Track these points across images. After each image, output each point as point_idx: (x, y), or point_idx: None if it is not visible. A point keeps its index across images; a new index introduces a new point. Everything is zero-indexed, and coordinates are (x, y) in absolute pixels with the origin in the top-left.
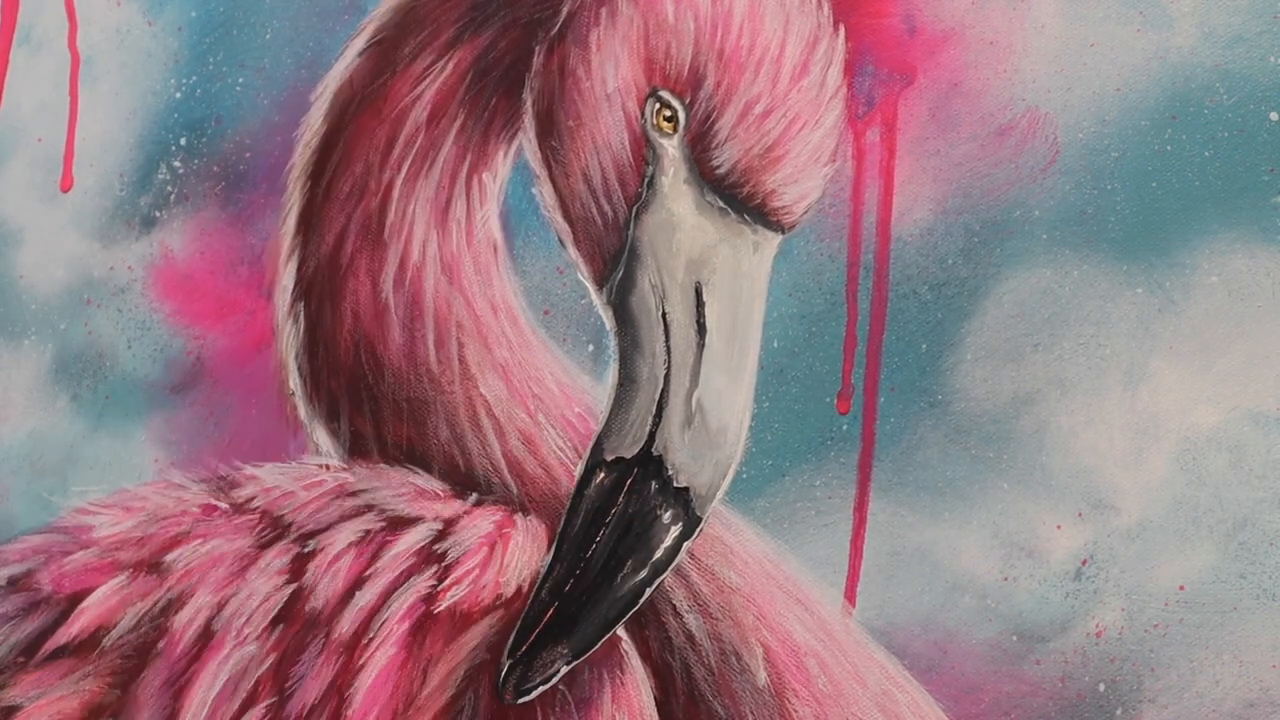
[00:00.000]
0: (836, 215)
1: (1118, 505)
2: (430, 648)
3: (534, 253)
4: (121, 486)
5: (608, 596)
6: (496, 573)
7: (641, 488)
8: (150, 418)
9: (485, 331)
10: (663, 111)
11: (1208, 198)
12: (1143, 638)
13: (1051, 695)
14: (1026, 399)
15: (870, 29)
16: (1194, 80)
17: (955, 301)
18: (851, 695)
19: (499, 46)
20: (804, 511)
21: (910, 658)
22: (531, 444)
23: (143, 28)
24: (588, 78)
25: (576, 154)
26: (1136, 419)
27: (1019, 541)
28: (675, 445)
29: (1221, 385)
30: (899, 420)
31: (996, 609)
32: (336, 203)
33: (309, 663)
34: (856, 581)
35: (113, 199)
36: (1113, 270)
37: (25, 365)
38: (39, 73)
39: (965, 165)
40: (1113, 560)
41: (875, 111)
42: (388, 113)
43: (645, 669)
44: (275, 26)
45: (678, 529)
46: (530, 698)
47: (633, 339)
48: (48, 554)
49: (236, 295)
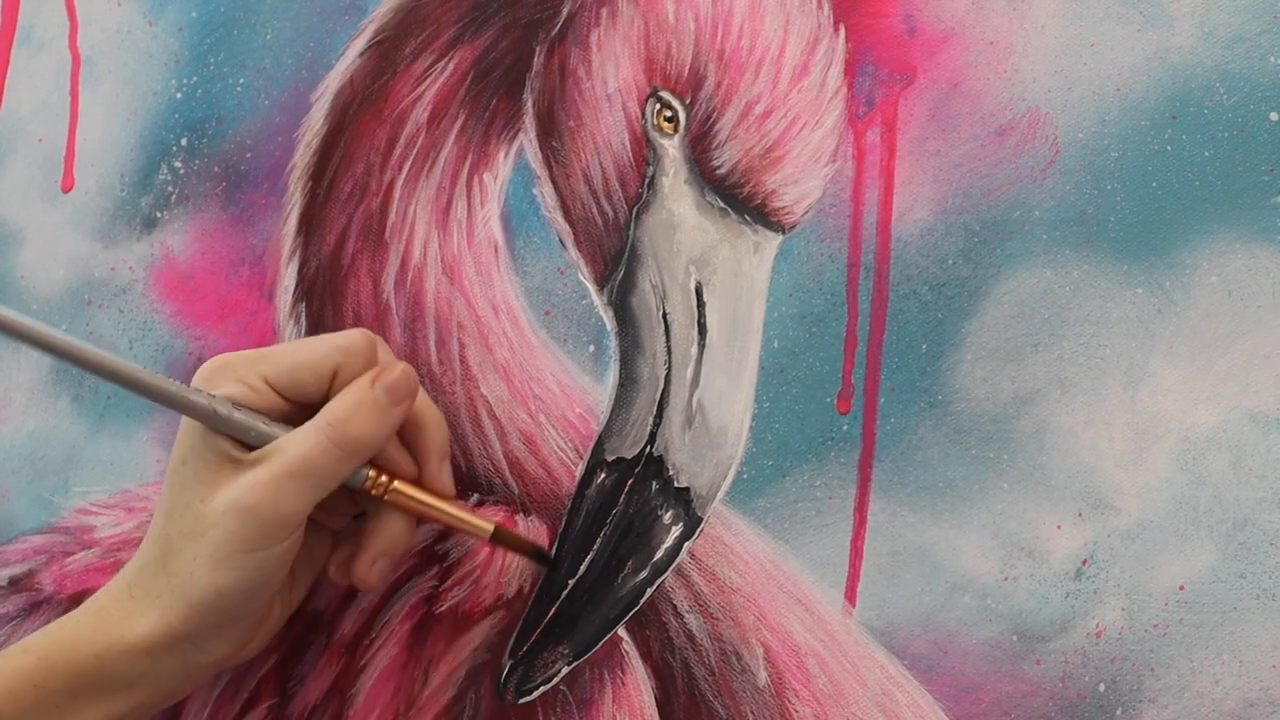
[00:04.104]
0: (836, 215)
1: (1118, 505)
2: (431, 648)
3: (535, 253)
4: (123, 487)
5: (608, 597)
6: (498, 573)
7: (642, 488)
8: (152, 418)
9: (486, 332)
10: (663, 112)
11: (1208, 198)
12: (1143, 638)
13: (1051, 695)
14: (1026, 399)
15: (870, 29)
16: (1194, 80)
17: (955, 301)
18: (851, 695)
19: (500, 47)
20: (804, 511)
21: (910, 658)
22: (532, 444)
23: (143, 28)
24: (588, 78)
25: (577, 154)
26: (1136, 419)
27: (1019, 541)
28: (676, 445)
29: (1221, 385)
30: (899, 420)
31: (996, 609)
32: (338, 203)
33: (310, 663)
34: (856, 581)
35: (114, 199)
36: (1113, 270)
37: (26, 365)
38: (39, 73)
39: (965, 165)
40: (1113, 560)
41: (875, 111)
42: (389, 113)
43: (646, 669)
44: (276, 27)
45: (678, 529)
46: (531, 698)
47: (633, 339)
48: (49, 554)
49: (238, 296)
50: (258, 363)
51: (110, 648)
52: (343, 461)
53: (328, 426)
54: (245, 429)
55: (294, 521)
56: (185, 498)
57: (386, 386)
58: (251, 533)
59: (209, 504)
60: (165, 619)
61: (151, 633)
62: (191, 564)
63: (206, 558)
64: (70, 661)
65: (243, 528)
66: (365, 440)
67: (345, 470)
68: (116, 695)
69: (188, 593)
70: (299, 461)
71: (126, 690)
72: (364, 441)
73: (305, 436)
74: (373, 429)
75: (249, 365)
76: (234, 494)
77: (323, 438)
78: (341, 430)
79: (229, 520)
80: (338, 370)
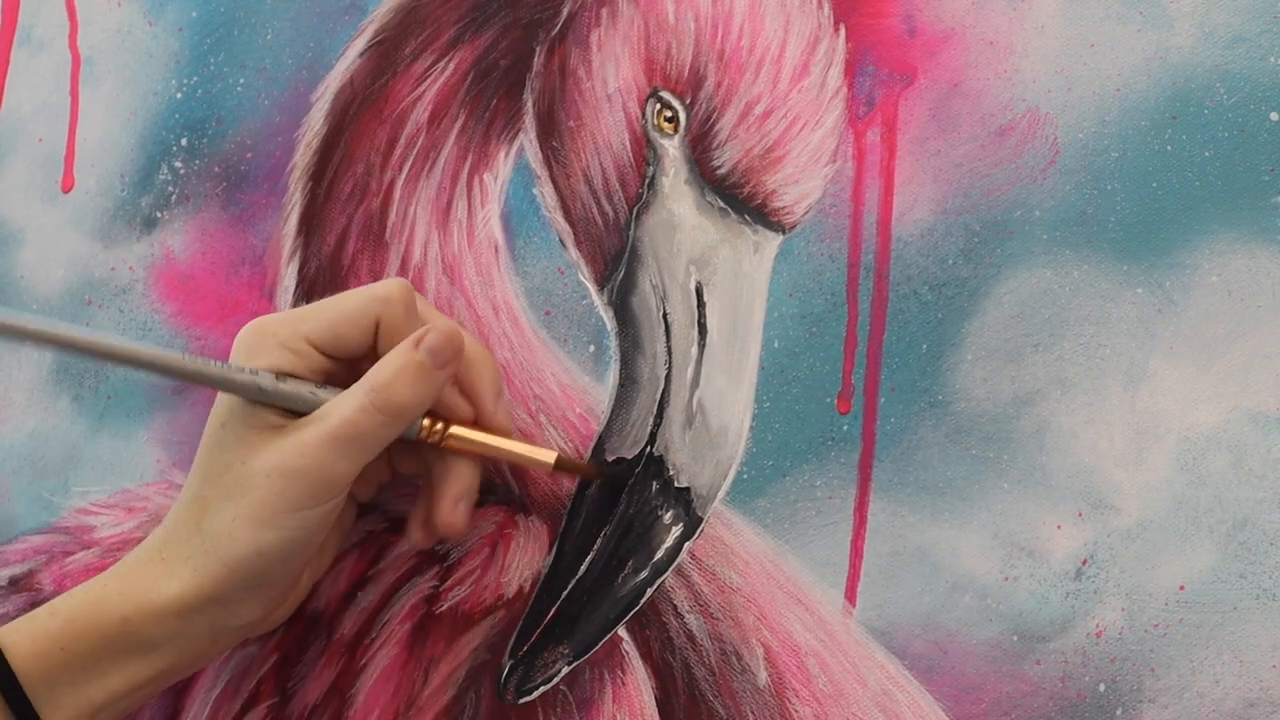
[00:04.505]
0: (836, 215)
1: (1118, 505)
2: (432, 648)
3: (535, 253)
4: (123, 487)
5: (609, 597)
6: (498, 573)
7: (642, 488)
8: (152, 418)
9: (486, 332)
10: (663, 112)
11: (1208, 198)
12: (1143, 638)
13: (1051, 695)
14: (1026, 399)
15: (870, 29)
16: (1194, 80)
17: (955, 301)
18: (851, 695)
19: (500, 47)
20: (804, 511)
21: (910, 658)
22: (533, 444)
23: (143, 28)
24: (588, 78)
25: (577, 154)
26: (1136, 419)
27: (1019, 541)
28: (676, 445)
29: (1221, 385)
30: (899, 420)
31: (996, 609)
32: (338, 203)
33: (310, 663)
34: (856, 581)
35: (114, 199)
36: (1113, 270)
37: (26, 365)
38: (39, 73)
39: (965, 165)
40: (1113, 560)
41: (875, 111)
42: (389, 113)
43: (646, 669)
44: (276, 27)
45: (679, 529)
46: (531, 698)
47: (634, 339)
48: (49, 554)
49: (238, 296)
50: (298, 323)
51: (139, 610)
52: (388, 426)
53: (371, 392)
54: (292, 399)
55: (342, 482)
56: (225, 460)
57: (431, 349)
58: (298, 493)
59: (251, 465)
60: (197, 580)
61: (183, 593)
62: (231, 524)
63: (248, 518)
64: (97, 624)
65: (288, 487)
66: (409, 405)
67: (391, 434)
68: (142, 658)
69: (224, 553)
70: (344, 426)
71: (153, 653)
72: (408, 406)
73: (350, 401)
74: (416, 393)
75: (289, 326)
76: (280, 456)
77: (367, 402)
78: (385, 396)
79: (274, 481)
80: (379, 320)
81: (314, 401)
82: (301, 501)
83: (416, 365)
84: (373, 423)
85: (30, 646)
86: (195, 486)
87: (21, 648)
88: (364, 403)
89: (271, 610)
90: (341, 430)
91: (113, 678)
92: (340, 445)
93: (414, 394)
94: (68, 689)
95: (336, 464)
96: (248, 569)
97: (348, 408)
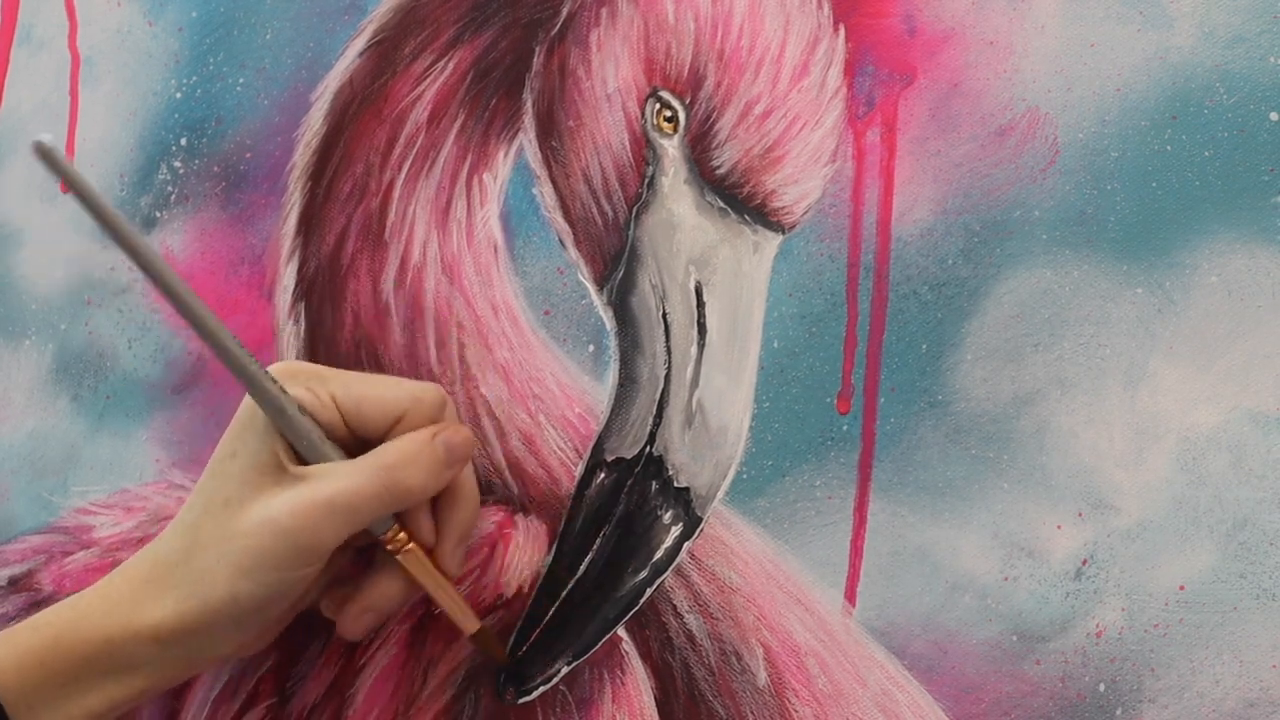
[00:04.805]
0: (836, 215)
1: (1118, 505)
2: (431, 648)
3: (534, 253)
4: (122, 487)
5: (608, 597)
6: (497, 573)
7: (642, 488)
8: (151, 418)
9: (486, 332)
10: (663, 112)
11: (1208, 198)
12: (1143, 638)
13: (1051, 695)
14: (1026, 399)
15: (870, 29)
16: (1194, 80)
17: (955, 301)
18: (851, 695)
19: (499, 47)
20: (804, 511)
21: (910, 658)
22: (532, 444)
23: (143, 28)
24: (588, 78)
25: (577, 154)
26: (1136, 419)
27: (1019, 541)
28: (676, 445)
29: (1221, 385)
30: (899, 420)
31: (996, 609)
32: (337, 203)
33: (310, 663)
34: (856, 581)
35: (113, 199)
36: (1113, 270)
37: (25, 365)
38: (39, 72)
39: (965, 165)
40: (1113, 560)
41: (875, 111)
42: (388, 113)
43: (645, 669)
44: (276, 27)
45: (678, 529)
46: (531, 698)
47: (633, 339)
48: (48, 554)
49: (237, 295)
50: (328, 380)
51: (121, 630)
52: (386, 506)
53: (382, 470)
54: (303, 435)
55: (324, 550)
56: (225, 494)
57: (448, 444)
58: (282, 552)
59: (246, 509)
60: (179, 610)
61: (164, 621)
62: (215, 565)
63: (231, 565)
64: (79, 641)
65: (275, 545)
66: (414, 491)
67: (384, 514)
68: (122, 678)
69: (205, 593)
70: (344, 495)
71: (131, 674)
72: (413, 492)
73: (357, 471)
74: (424, 482)
75: (318, 379)
76: (273, 510)
77: (375, 478)
78: (394, 476)
79: (263, 534)
80: (404, 416)
81: (320, 450)
82: (281, 562)
83: (431, 454)
84: (374, 500)
85: (11, 661)
86: (193, 515)
87: (3, 661)
88: (371, 477)
89: (252, 644)
90: (339, 498)
91: (91, 697)
92: (335, 513)
93: (419, 481)
94: (46, 707)
95: (324, 530)
96: (225, 612)
97: (350, 478)
